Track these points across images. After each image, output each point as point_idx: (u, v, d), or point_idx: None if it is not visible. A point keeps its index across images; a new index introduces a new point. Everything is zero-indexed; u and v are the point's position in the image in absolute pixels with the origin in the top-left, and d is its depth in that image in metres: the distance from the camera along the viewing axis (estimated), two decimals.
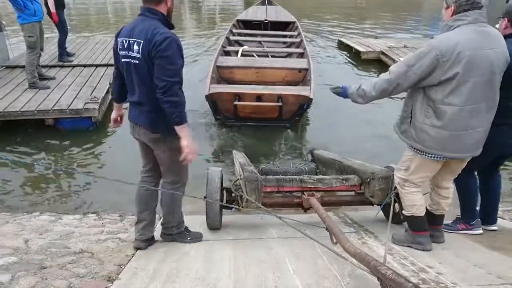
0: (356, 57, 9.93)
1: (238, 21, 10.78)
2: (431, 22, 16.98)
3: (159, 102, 2.27)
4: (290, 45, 8.89)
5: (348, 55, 10.34)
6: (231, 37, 9.14)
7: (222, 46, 8.07)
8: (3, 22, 7.86)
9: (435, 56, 2.20)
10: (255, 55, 7.87)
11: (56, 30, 7.79)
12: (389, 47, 9.72)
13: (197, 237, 2.86)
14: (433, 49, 2.22)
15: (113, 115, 2.77)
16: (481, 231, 2.93)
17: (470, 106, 2.27)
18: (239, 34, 9.60)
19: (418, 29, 14.88)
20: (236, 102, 5.65)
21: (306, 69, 6.74)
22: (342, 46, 11.03)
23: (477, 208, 3.02)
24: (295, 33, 9.56)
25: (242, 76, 6.72)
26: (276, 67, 6.91)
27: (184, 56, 2.41)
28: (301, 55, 7.88)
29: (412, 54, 2.35)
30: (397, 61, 8.43)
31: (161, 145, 2.49)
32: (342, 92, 2.65)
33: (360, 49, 9.82)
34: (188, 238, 2.83)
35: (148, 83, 2.33)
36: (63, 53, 7.90)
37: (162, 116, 2.34)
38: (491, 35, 2.28)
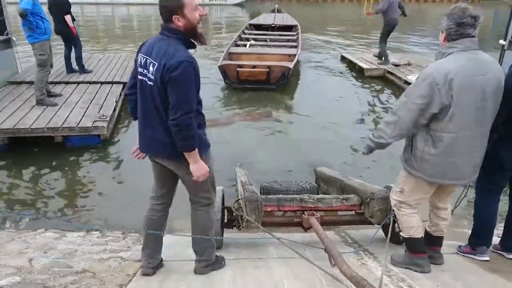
0: (359, 73, 9.99)
1: (250, 24, 13.46)
2: (434, 38, 17.07)
3: (171, 131, 2.17)
4: (290, 41, 11.31)
5: (351, 70, 10.39)
6: (242, 35, 11.72)
7: (234, 40, 10.77)
8: (14, 38, 8.02)
9: (430, 83, 2.25)
10: (259, 47, 10.46)
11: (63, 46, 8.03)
12: (392, 63, 9.74)
13: (223, 258, 2.81)
14: (428, 76, 2.27)
15: (135, 147, 2.54)
16: (486, 258, 2.83)
17: (465, 133, 2.31)
18: (250, 34, 12.10)
19: (421, 43, 15.01)
20: (238, 69, 8.22)
21: (295, 55, 9.21)
22: (345, 60, 11.07)
23: (491, 235, 2.90)
24: (295, 32, 12.18)
25: (247, 60, 9.10)
26: (272, 53, 9.59)
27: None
28: (295, 47, 10.21)
29: (411, 85, 2.42)
30: (403, 79, 8.48)
31: (184, 168, 2.32)
32: (368, 147, 2.62)
33: (364, 66, 9.82)
34: (223, 262, 2.76)
35: (161, 109, 2.21)
36: (70, 66, 8.20)
37: None
38: (483, 62, 2.32)
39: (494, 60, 2.42)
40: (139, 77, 2.29)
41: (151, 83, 2.20)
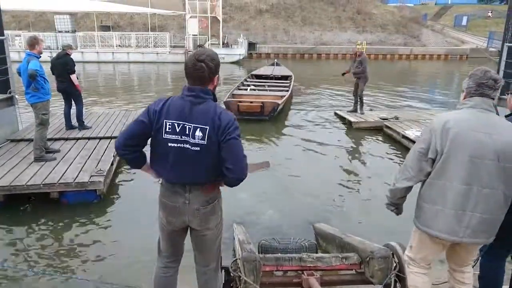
0: (352, 127, 10.28)
1: (252, 74, 16.11)
2: (426, 92, 17.63)
3: (227, 181, 2.22)
4: (283, 87, 13.47)
5: (344, 125, 10.70)
6: (245, 82, 14.23)
7: (237, 86, 13.25)
8: (17, 96, 8.20)
9: (430, 130, 2.38)
10: (257, 90, 12.77)
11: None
12: (381, 118, 10.10)
13: None
14: (430, 124, 2.43)
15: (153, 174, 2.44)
16: None
17: (459, 185, 2.29)
18: (251, 81, 14.56)
19: (412, 99, 15.45)
20: (238, 103, 10.52)
21: (284, 96, 11.52)
22: (339, 117, 11.39)
23: None
24: (288, 81, 14.61)
25: (246, 98, 11.30)
26: (267, 94, 12.15)
27: None
28: (286, 91, 12.42)
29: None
30: (401, 134, 8.67)
31: (214, 218, 2.44)
32: (387, 197, 2.68)
33: (352, 119, 10.33)
34: None
35: (210, 168, 2.23)
36: (70, 123, 8.37)
37: (214, 184, 2.37)
38: (493, 122, 2.30)
39: (508, 124, 2.36)
40: (171, 144, 2.21)
41: (196, 148, 2.18)
